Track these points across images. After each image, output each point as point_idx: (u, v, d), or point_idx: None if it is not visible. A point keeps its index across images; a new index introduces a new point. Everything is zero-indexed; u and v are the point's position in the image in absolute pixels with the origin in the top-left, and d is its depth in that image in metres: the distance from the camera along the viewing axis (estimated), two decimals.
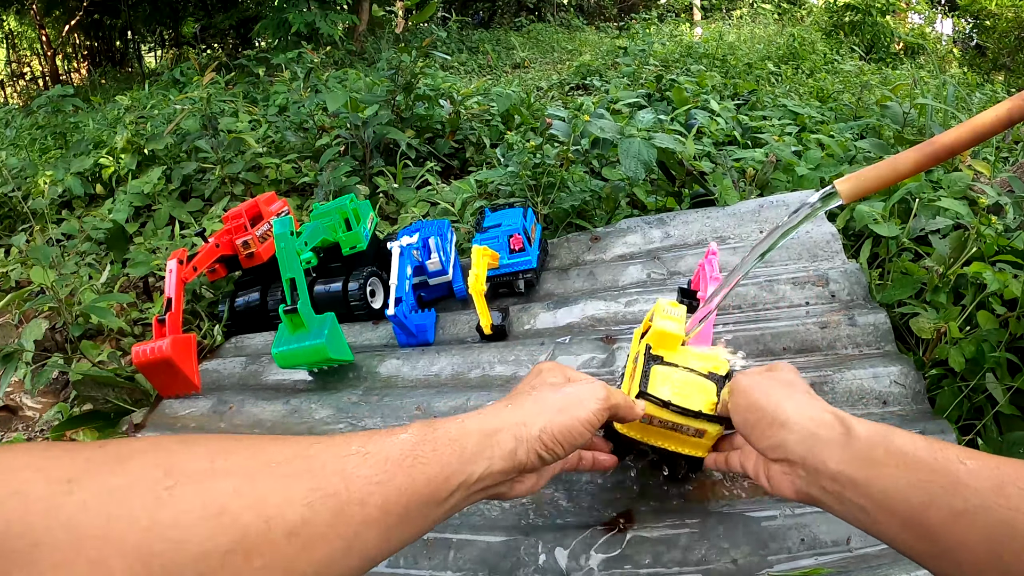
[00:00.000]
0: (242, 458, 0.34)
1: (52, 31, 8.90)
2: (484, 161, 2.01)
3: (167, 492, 0.30)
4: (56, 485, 0.28)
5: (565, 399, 0.48)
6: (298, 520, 0.33)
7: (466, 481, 0.41)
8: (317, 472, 0.35)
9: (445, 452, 0.41)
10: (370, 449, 0.38)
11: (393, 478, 0.37)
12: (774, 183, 1.42)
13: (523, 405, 0.47)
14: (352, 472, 0.36)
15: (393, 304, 0.96)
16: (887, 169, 0.49)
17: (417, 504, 0.38)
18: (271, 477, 0.34)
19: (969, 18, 6.97)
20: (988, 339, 0.81)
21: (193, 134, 1.96)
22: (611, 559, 0.60)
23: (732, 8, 8.43)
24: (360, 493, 0.36)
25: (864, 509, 0.40)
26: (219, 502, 0.31)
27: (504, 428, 0.44)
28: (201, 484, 0.31)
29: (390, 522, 0.37)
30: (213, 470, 0.32)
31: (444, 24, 6.88)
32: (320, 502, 0.34)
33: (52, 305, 1.30)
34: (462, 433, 0.42)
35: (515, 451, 0.44)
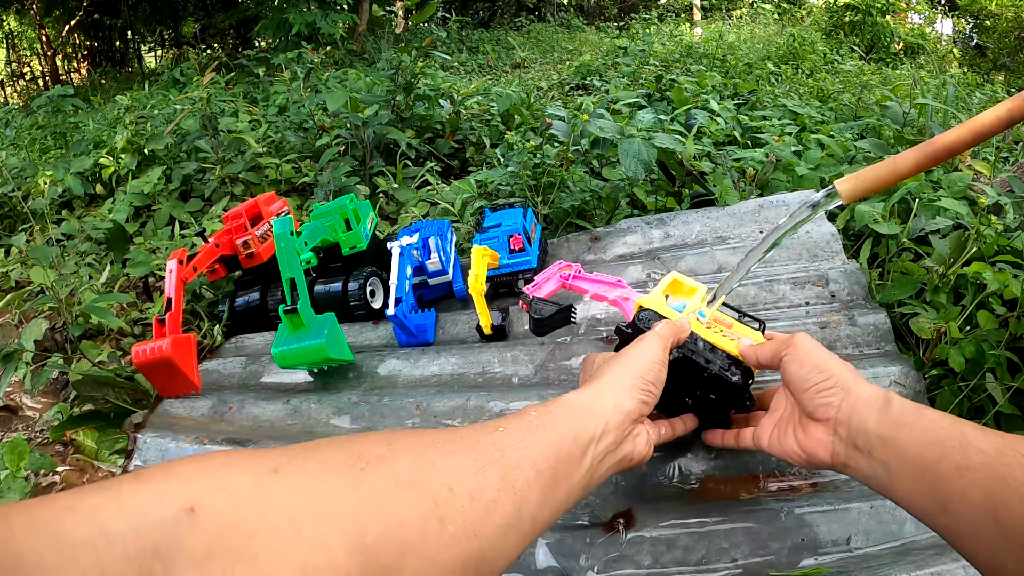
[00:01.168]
0: (410, 441, 0.37)
1: (52, 31, 8.90)
2: (484, 161, 2.01)
3: (363, 472, 0.32)
4: (262, 476, 0.29)
5: (634, 352, 0.54)
6: (475, 486, 0.36)
7: (593, 437, 0.46)
8: (475, 447, 0.39)
9: (564, 416, 0.46)
10: (506, 426, 0.43)
11: (536, 442, 0.42)
12: (774, 183, 1.42)
13: (605, 374, 0.52)
14: (503, 443, 0.40)
15: (393, 304, 0.96)
16: (887, 169, 0.49)
17: (560, 462, 0.43)
18: (440, 453, 0.37)
19: (969, 18, 6.97)
20: (988, 339, 0.81)
21: (193, 134, 1.96)
22: (611, 559, 0.60)
23: (732, 8, 8.43)
24: (515, 458, 0.40)
25: (886, 465, 0.45)
26: (407, 476, 0.34)
27: (600, 391, 0.50)
28: (388, 463, 0.34)
29: (545, 482, 0.41)
30: (393, 451, 0.35)
31: (444, 24, 6.88)
32: (487, 469, 0.38)
33: (52, 305, 1.30)
34: (569, 403, 0.48)
35: (620, 404, 0.49)
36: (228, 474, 0.28)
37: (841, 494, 0.63)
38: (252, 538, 0.26)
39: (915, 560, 0.54)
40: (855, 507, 0.60)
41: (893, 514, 0.60)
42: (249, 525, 0.26)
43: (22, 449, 0.91)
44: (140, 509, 0.25)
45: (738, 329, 0.64)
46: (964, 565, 0.51)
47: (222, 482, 0.28)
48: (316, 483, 0.30)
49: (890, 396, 0.48)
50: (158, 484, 0.26)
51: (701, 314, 0.64)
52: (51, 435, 1.08)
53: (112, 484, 0.26)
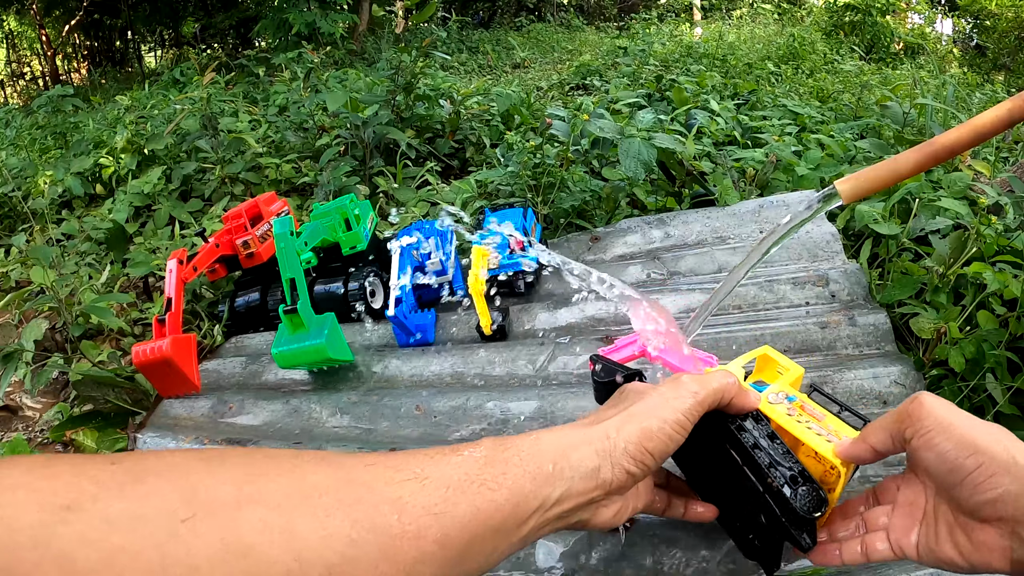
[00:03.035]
0: (276, 484, 0.29)
1: (52, 31, 8.90)
2: (484, 161, 2.01)
3: (184, 525, 0.26)
4: (50, 512, 0.24)
5: (650, 402, 0.42)
6: (337, 559, 0.28)
7: (542, 506, 0.36)
8: (364, 500, 0.31)
9: (516, 474, 0.35)
10: (429, 473, 0.33)
11: (455, 507, 0.33)
12: (774, 183, 1.42)
13: (604, 419, 0.41)
14: (407, 500, 0.32)
15: (393, 304, 0.96)
16: (887, 170, 0.49)
17: (482, 536, 0.33)
18: (309, 508, 0.29)
19: (969, 18, 6.97)
20: (988, 339, 0.81)
21: (193, 134, 1.96)
22: (611, 559, 0.60)
23: (732, 8, 8.43)
24: (415, 526, 0.31)
25: None
26: (244, 539, 0.27)
27: (585, 442, 0.39)
28: (224, 516, 0.27)
29: (449, 557, 0.32)
30: (239, 499, 0.28)
31: (444, 24, 6.88)
32: (366, 539, 0.29)
33: (52, 305, 1.30)
34: (536, 451, 0.37)
35: (598, 469, 0.38)
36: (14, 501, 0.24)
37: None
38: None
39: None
40: None
41: None
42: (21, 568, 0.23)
43: (22, 449, 0.91)
44: None
45: (832, 424, 0.47)
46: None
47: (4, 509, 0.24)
48: (114, 533, 0.24)
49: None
50: None
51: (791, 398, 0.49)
52: (51, 435, 1.08)
53: None
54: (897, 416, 0.41)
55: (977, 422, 0.38)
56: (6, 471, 0.25)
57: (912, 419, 0.39)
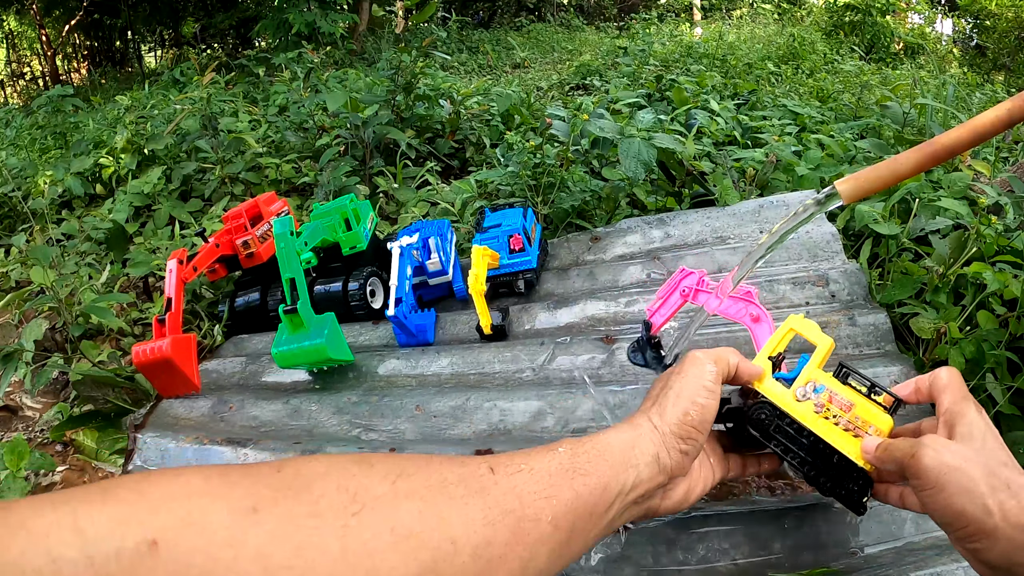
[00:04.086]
0: (420, 479, 0.34)
1: (52, 31, 8.90)
2: (484, 161, 2.01)
3: (355, 518, 0.29)
4: (240, 515, 0.26)
5: (675, 386, 0.48)
6: (481, 541, 0.33)
7: (622, 491, 0.41)
8: (491, 490, 0.35)
9: (599, 463, 0.41)
10: (533, 465, 0.38)
11: (560, 492, 0.38)
12: (774, 183, 1.42)
13: (649, 412, 0.47)
14: (523, 489, 0.36)
15: (393, 304, 0.96)
16: (887, 170, 0.49)
17: (582, 518, 0.39)
18: (449, 498, 0.34)
19: (969, 18, 6.97)
20: (988, 339, 0.81)
21: (193, 134, 1.96)
22: (611, 559, 0.60)
23: (732, 8, 8.43)
24: (533, 509, 0.36)
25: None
26: (407, 525, 0.30)
27: (641, 435, 0.45)
28: (387, 508, 0.31)
29: (560, 538, 0.37)
30: (395, 492, 0.32)
31: (444, 24, 6.87)
32: (499, 521, 0.34)
33: (52, 305, 1.30)
34: (607, 446, 0.43)
35: (657, 456, 0.44)
36: (201, 506, 0.26)
37: None
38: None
39: (915, 560, 0.54)
40: None
41: (893, 514, 0.60)
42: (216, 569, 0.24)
43: (22, 449, 0.91)
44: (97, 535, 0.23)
45: (860, 412, 0.50)
46: (964, 566, 0.51)
47: (193, 515, 0.25)
48: (299, 529, 0.27)
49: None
50: (122, 507, 0.24)
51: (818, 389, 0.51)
52: (51, 435, 1.08)
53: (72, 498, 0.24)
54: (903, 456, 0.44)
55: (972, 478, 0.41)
56: (186, 480, 0.27)
57: (914, 474, 0.43)
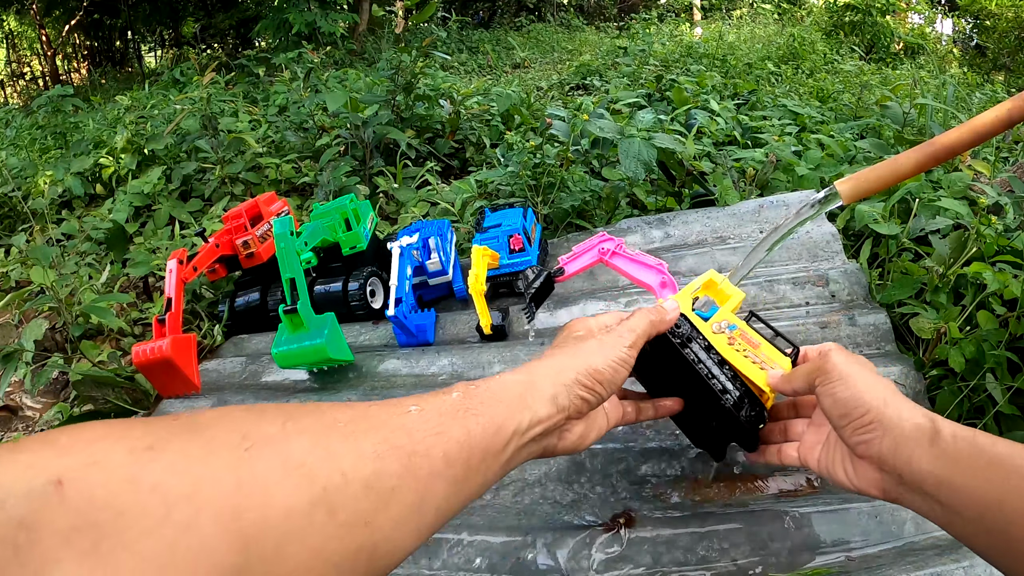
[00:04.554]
0: (309, 420, 0.35)
1: (52, 31, 8.90)
2: (484, 161, 2.01)
3: (247, 453, 0.30)
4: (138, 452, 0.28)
5: (592, 344, 0.50)
6: (371, 473, 0.34)
7: (517, 429, 0.43)
8: (380, 428, 0.36)
9: (492, 404, 0.42)
10: (423, 406, 0.40)
11: (450, 430, 0.39)
12: (774, 183, 1.42)
13: (555, 356, 0.49)
14: (412, 426, 0.37)
15: (393, 304, 0.96)
16: (887, 170, 0.49)
17: (477, 455, 0.40)
18: (339, 435, 0.35)
19: (969, 18, 6.97)
20: (988, 339, 0.81)
21: (193, 134, 1.96)
22: (611, 559, 0.60)
23: (732, 8, 8.43)
24: (423, 445, 0.37)
25: (943, 505, 0.41)
26: (297, 459, 0.32)
27: (541, 377, 0.46)
28: (277, 444, 0.32)
29: (455, 473, 0.38)
30: (285, 432, 0.33)
31: (444, 24, 6.87)
32: (389, 454, 0.35)
33: (52, 305, 1.30)
34: (502, 387, 0.44)
35: (556, 396, 0.45)
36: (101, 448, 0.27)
37: (841, 494, 0.63)
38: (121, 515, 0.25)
39: (915, 560, 0.54)
40: (855, 507, 0.60)
41: (893, 515, 0.60)
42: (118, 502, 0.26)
43: None
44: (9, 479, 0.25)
45: (765, 351, 0.57)
46: (964, 566, 0.51)
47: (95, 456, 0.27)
48: (193, 463, 0.29)
49: (937, 425, 0.44)
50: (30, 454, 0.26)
51: (731, 327, 0.58)
52: None
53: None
54: (810, 370, 0.51)
55: (872, 379, 0.48)
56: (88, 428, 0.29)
57: (821, 372, 0.49)
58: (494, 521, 0.68)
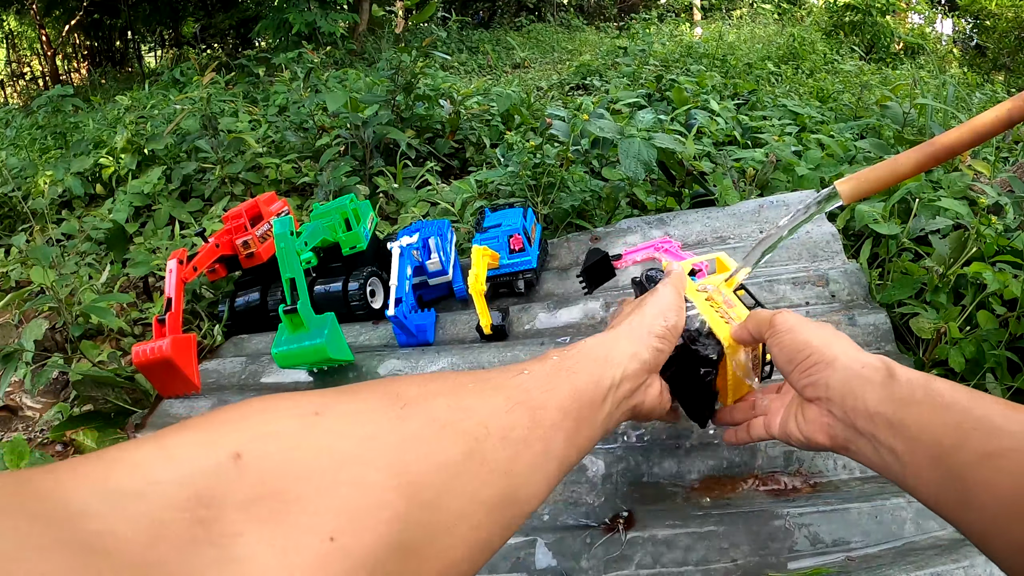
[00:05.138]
0: (441, 384, 0.38)
1: (52, 31, 8.90)
2: (484, 161, 2.01)
3: (402, 410, 0.33)
4: (304, 419, 0.29)
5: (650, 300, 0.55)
6: (507, 425, 0.37)
7: (612, 384, 0.46)
8: (503, 388, 0.39)
9: (585, 362, 0.46)
10: (531, 369, 0.43)
11: (558, 385, 0.42)
12: (774, 183, 1.42)
13: (624, 322, 0.53)
14: (528, 385, 0.41)
15: (393, 304, 0.96)
16: (887, 170, 0.49)
17: (585, 406, 0.43)
18: (471, 394, 0.37)
19: (969, 18, 6.97)
20: (988, 339, 0.81)
21: (193, 134, 1.95)
22: (611, 559, 0.60)
23: (732, 8, 8.43)
24: (540, 399, 0.40)
25: (895, 451, 0.40)
26: (443, 415, 0.34)
27: (621, 337, 0.50)
28: (424, 403, 0.34)
29: (569, 425, 0.41)
30: (426, 392, 0.36)
31: (444, 24, 6.87)
32: (517, 409, 0.38)
33: (52, 305, 1.30)
34: (590, 348, 0.48)
35: (637, 352, 0.49)
36: (271, 419, 0.29)
37: (841, 494, 0.63)
38: (298, 480, 0.26)
39: (915, 560, 0.54)
40: (855, 507, 0.60)
41: (893, 514, 0.60)
42: (294, 468, 0.27)
43: (22, 449, 0.91)
44: (186, 458, 0.25)
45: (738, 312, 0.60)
46: (964, 566, 0.51)
47: (266, 427, 0.28)
48: (358, 424, 0.31)
49: (892, 368, 0.43)
50: (203, 433, 0.27)
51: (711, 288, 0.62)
52: (51, 435, 1.08)
53: (158, 436, 0.26)
54: (759, 322, 0.53)
55: (820, 329, 0.49)
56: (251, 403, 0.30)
57: (770, 325, 0.51)
58: None
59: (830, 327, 0.51)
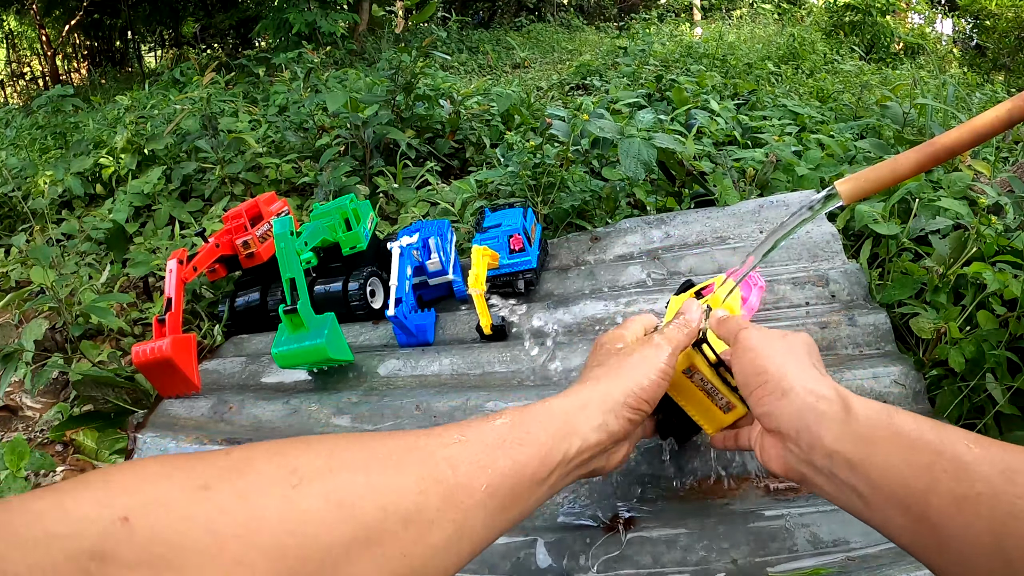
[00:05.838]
0: (355, 453, 0.36)
1: (52, 31, 8.90)
2: (484, 161, 2.01)
3: (294, 490, 0.32)
4: (193, 492, 0.30)
5: (635, 360, 0.49)
6: (412, 507, 0.35)
7: (564, 459, 0.43)
8: (426, 461, 0.37)
9: (540, 433, 0.42)
10: (469, 436, 0.40)
11: (496, 461, 0.39)
12: (774, 183, 1.42)
13: (600, 379, 0.48)
14: (457, 458, 0.38)
15: (393, 304, 0.96)
16: (887, 170, 0.49)
17: (521, 485, 0.40)
18: (384, 468, 0.36)
19: (969, 18, 6.97)
20: (988, 339, 0.81)
21: (193, 134, 1.95)
22: (611, 559, 0.60)
23: (732, 8, 8.43)
24: (466, 477, 0.37)
25: (858, 492, 0.38)
26: (339, 495, 0.33)
27: (590, 403, 0.46)
28: (323, 480, 0.33)
29: (496, 504, 0.38)
30: (331, 466, 0.34)
31: (444, 24, 6.87)
32: (431, 488, 0.36)
33: (52, 305, 1.30)
34: (551, 415, 0.44)
35: (605, 423, 0.45)
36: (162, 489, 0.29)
37: None
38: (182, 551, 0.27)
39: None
40: None
41: None
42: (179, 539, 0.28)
43: (22, 449, 0.91)
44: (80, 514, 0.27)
45: None
46: None
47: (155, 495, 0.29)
48: (245, 502, 0.31)
49: (848, 399, 0.41)
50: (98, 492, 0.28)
51: None
52: (51, 435, 1.08)
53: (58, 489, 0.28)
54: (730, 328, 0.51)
55: (783, 348, 0.47)
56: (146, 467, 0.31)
57: (735, 340, 0.50)
58: None
59: (800, 343, 0.48)
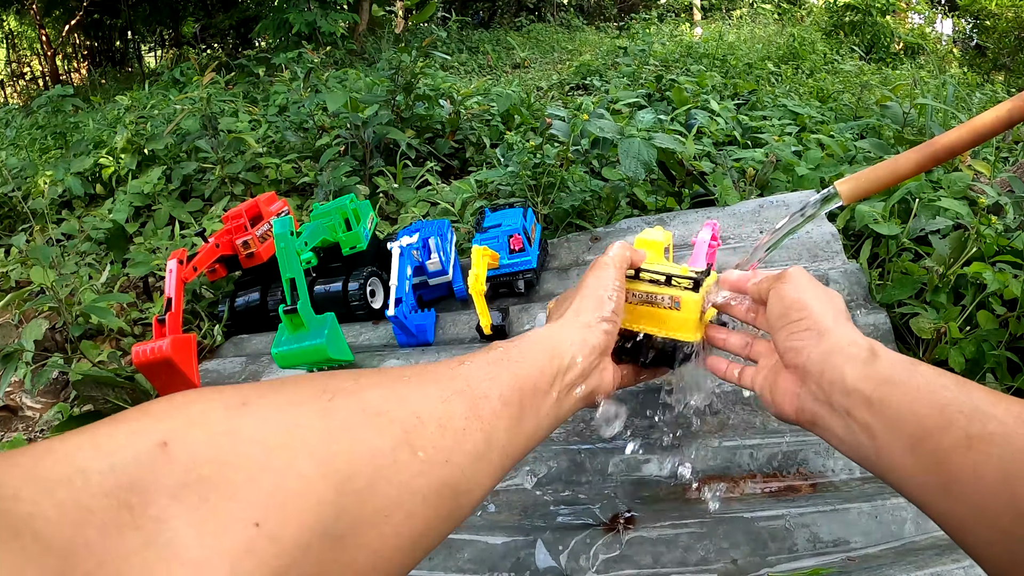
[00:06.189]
0: (377, 377, 0.37)
1: (52, 31, 8.90)
2: (484, 161, 2.01)
3: (330, 402, 0.33)
4: (232, 409, 0.29)
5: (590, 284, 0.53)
6: (443, 415, 0.36)
7: (559, 370, 0.46)
8: (440, 379, 0.39)
9: (531, 352, 0.46)
10: (474, 360, 0.43)
11: (500, 375, 0.42)
12: (774, 183, 1.42)
13: (566, 311, 0.52)
14: (468, 376, 0.41)
15: (393, 304, 0.96)
16: (887, 170, 0.49)
17: (528, 394, 0.43)
18: (407, 385, 0.37)
19: (969, 18, 6.97)
20: (988, 339, 0.81)
21: (193, 134, 1.95)
22: (611, 559, 0.60)
23: (732, 8, 8.43)
24: (481, 389, 0.40)
25: (870, 429, 0.39)
26: (373, 406, 0.34)
27: (566, 325, 0.50)
28: (355, 395, 0.34)
29: (511, 413, 0.41)
30: (359, 385, 0.35)
31: (444, 24, 6.87)
32: (453, 398, 0.38)
33: (52, 305, 1.30)
34: (538, 339, 0.48)
35: (585, 338, 0.49)
36: (200, 409, 0.29)
37: (841, 494, 0.63)
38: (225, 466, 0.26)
39: (915, 560, 0.54)
40: (855, 507, 0.60)
41: (893, 514, 0.60)
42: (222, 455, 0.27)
43: None
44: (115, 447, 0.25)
45: None
46: (964, 566, 0.51)
47: (194, 417, 0.28)
48: (285, 414, 0.31)
49: (876, 347, 0.42)
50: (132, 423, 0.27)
51: None
52: (51, 435, 1.08)
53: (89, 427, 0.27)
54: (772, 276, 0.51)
55: (825, 296, 0.47)
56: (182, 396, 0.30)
57: (780, 277, 0.50)
58: (494, 521, 0.68)
59: (839, 300, 0.48)
